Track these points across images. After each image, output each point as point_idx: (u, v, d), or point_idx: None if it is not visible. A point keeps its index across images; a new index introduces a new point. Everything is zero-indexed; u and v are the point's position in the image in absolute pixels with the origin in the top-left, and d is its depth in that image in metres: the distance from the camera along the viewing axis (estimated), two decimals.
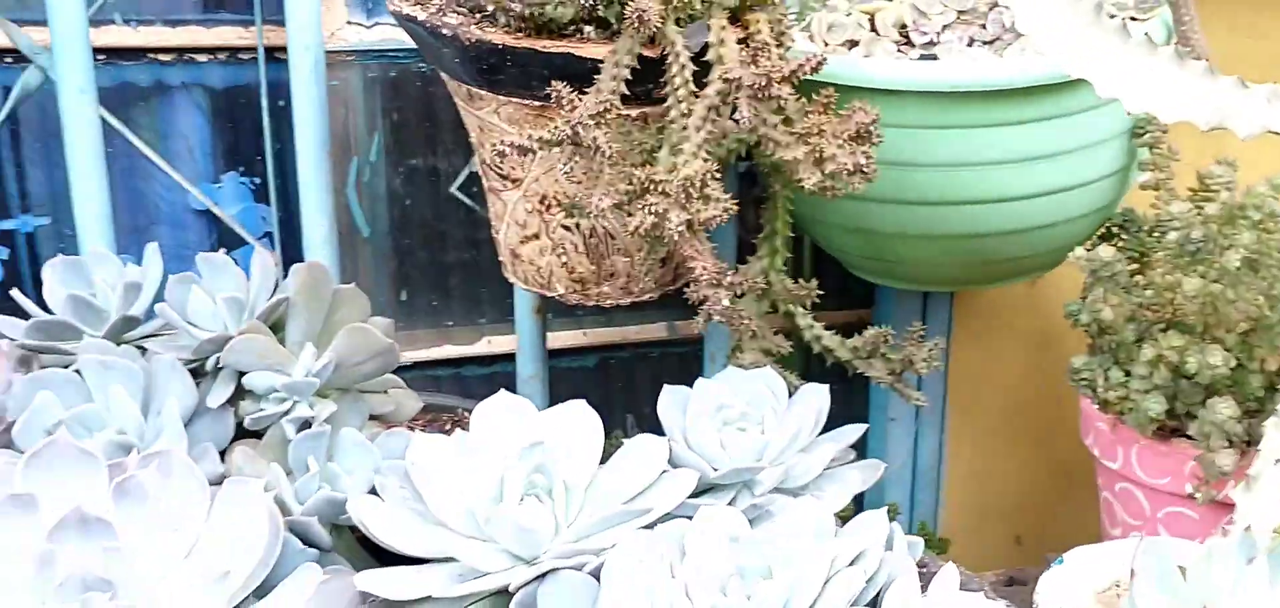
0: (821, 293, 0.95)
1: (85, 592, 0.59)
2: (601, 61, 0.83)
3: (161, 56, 1.13)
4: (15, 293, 0.86)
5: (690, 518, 0.68)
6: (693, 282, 0.83)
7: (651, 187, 0.78)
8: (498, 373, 1.26)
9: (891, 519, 0.70)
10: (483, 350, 1.26)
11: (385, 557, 0.71)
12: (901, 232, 1.01)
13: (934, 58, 0.99)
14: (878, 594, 0.65)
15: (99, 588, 0.60)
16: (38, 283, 0.85)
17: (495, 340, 1.26)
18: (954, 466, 1.38)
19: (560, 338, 1.27)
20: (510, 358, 1.20)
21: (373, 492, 0.73)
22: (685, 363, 1.30)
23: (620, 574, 0.64)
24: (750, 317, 0.88)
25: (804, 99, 0.84)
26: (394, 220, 1.22)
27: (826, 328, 0.96)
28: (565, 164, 0.83)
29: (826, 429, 0.81)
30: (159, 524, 0.63)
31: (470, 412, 0.75)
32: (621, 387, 1.32)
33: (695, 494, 0.74)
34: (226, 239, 1.18)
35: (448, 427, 0.96)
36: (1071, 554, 0.88)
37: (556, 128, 0.79)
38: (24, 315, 0.83)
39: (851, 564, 0.65)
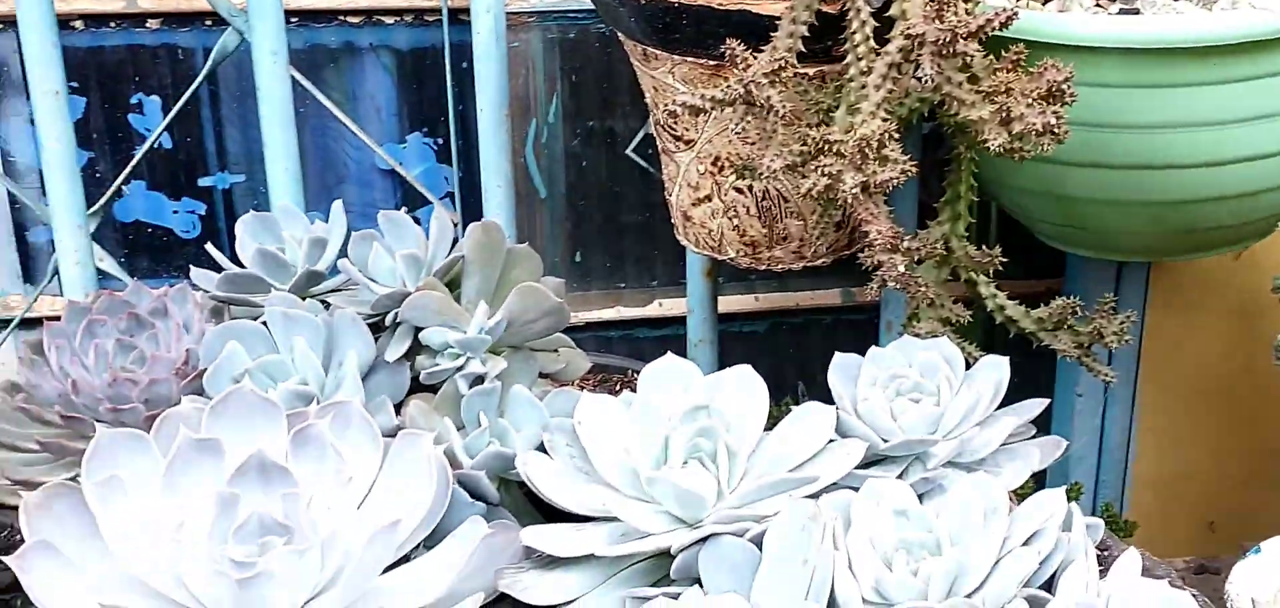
0: (1006, 261, 0.91)
1: (263, 535, 0.62)
2: (778, 18, 0.81)
3: (351, 18, 1.16)
4: (209, 247, 0.90)
5: (857, 489, 0.66)
6: (867, 246, 0.80)
7: (826, 147, 0.76)
8: (669, 336, 1.26)
9: (1073, 499, 0.67)
10: (654, 313, 1.26)
11: (551, 513, 0.71)
12: (1095, 197, 0.96)
13: (1136, 11, 0.93)
14: (1053, 576, 0.62)
15: (276, 532, 0.62)
16: (232, 237, 0.89)
17: (667, 303, 1.26)
18: (1144, 445, 1.32)
19: (732, 302, 1.26)
20: (682, 321, 1.20)
21: (541, 449, 0.74)
22: (859, 331, 1.27)
23: (782, 543, 0.63)
24: (928, 284, 0.85)
25: (991, 56, 0.80)
26: (570, 181, 1.22)
27: (1011, 298, 0.92)
28: (737, 124, 0.82)
29: (1008, 403, 0.78)
30: (334, 473, 0.65)
31: (639, 373, 0.75)
32: (793, 353, 1.30)
33: (865, 465, 0.72)
34: (410, 198, 1.21)
35: (616, 387, 0.97)
36: (1269, 544, 0.83)
37: (729, 87, 0.78)
38: (218, 268, 0.87)
39: (1025, 544, 0.63)
